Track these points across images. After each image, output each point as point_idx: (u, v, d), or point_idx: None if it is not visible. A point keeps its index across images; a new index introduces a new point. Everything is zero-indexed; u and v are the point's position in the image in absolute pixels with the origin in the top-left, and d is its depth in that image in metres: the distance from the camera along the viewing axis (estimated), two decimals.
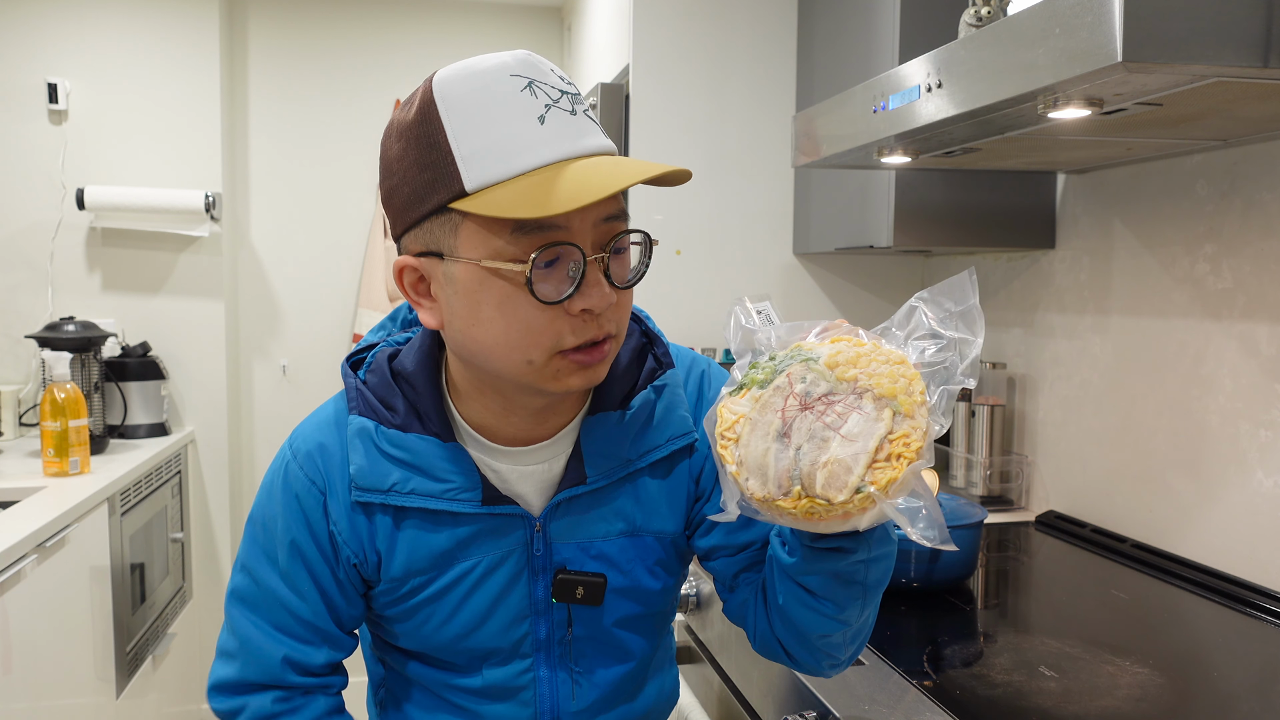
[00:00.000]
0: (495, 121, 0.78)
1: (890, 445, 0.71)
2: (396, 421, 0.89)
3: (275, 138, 3.19)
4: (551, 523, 0.92)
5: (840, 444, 0.71)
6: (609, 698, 0.99)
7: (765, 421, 0.74)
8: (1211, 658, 1.31)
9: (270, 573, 0.92)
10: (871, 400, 0.72)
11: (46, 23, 2.86)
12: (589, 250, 0.80)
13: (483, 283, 0.79)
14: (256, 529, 0.93)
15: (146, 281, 2.98)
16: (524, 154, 0.77)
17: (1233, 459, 1.52)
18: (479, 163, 0.77)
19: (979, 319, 0.74)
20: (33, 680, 1.83)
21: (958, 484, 2.05)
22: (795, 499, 0.72)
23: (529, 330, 0.80)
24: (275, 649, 0.91)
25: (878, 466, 0.71)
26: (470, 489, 0.89)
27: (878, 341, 0.76)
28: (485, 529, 0.91)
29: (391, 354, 0.94)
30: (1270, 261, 1.46)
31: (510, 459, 0.92)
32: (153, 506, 2.60)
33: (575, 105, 0.81)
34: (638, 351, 0.96)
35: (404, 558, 0.91)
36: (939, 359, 0.74)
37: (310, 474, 0.90)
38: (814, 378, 0.74)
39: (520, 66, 0.80)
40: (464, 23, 3.28)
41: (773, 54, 2.35)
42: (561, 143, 0.78)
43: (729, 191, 2.36)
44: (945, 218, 1.91)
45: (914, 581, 1.43)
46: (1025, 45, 1.10)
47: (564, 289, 0.79)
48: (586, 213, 0.79)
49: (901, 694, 1.09)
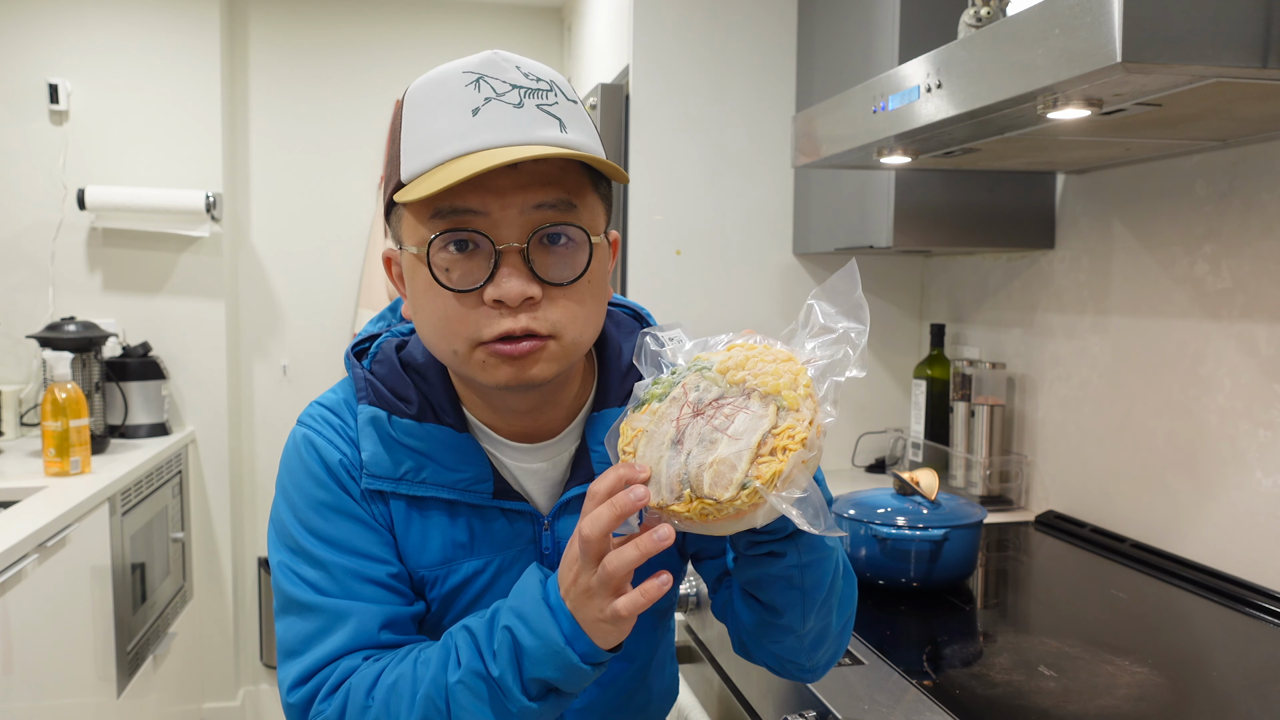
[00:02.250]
0: (434, 116, 0.79)
1: (774, 439, 0.72)
2: (411, 412, 0.89)
3: (276, 138, 3.19)
4: (559, 521, 0.92)
5: (726, 444, 0.72)
6: (612, 697, 0.99)
7: (661, 432, 0.75)
8: (1211, 657, 1.31)
9: (328, 550, 0.86)
10: (758, 399, 0.73)
11: (47, 23, 2.86)
12: (508, 238, 0.78)
13: (414, 271, 0.82)
14: (293, 511, 0.88)
15: (147, 281, 2.99)
16: (448, 144, 0.78)
17: (1232, 459, 1.52)
18: (412, 154, 0.80)
19: (864, 309, 0.75)
20: (34, 680, 1.84)
21: (957, 484, 2.05)
22: (687, 502, 0.73)
23: (446, 319, 0.80)
24: (369, 615, 0.84)
25: (762, 461, 0.71)
26: (482, 480, 0.89)
27: (769, 343, 0.77)
28: (495, 523, 0.91)
29: (398, 344, 0.93)
30: (1269, 261, 1.46)
31: (516, 455, 0.92)
32: (153, 506, 2.60)
33: (527, 99, 0.79)
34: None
35: (415, 548, 0.90)
36: (830, 352, 0.75)
37: (333, 441, 0.89)
38: (706, 384, 0.76)
39: (478, 64, 0.80)
40: (464, 23, 3.28)
41: (773, 54, 2.35)
42: (487, 133, 0.77)
43: (729, 191, 2.36)
44: (945, 218, 1.91)
45: (914, 581, 1.43)
46: (1025, 46, 1.10)
47: (479, 278, 0.79)
48: (508, 199, 0.78)
49: (901, 693, 1.09)
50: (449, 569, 0.91)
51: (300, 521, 0.88)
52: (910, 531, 1.41)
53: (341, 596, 0.85)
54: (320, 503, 0.88)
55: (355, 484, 0.88)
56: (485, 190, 0.77)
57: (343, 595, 0.85)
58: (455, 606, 0.92)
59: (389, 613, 0.86)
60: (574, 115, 0.82)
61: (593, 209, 0.83)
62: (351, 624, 0.84)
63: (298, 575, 0.86)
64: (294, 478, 0.89)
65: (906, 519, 1.42)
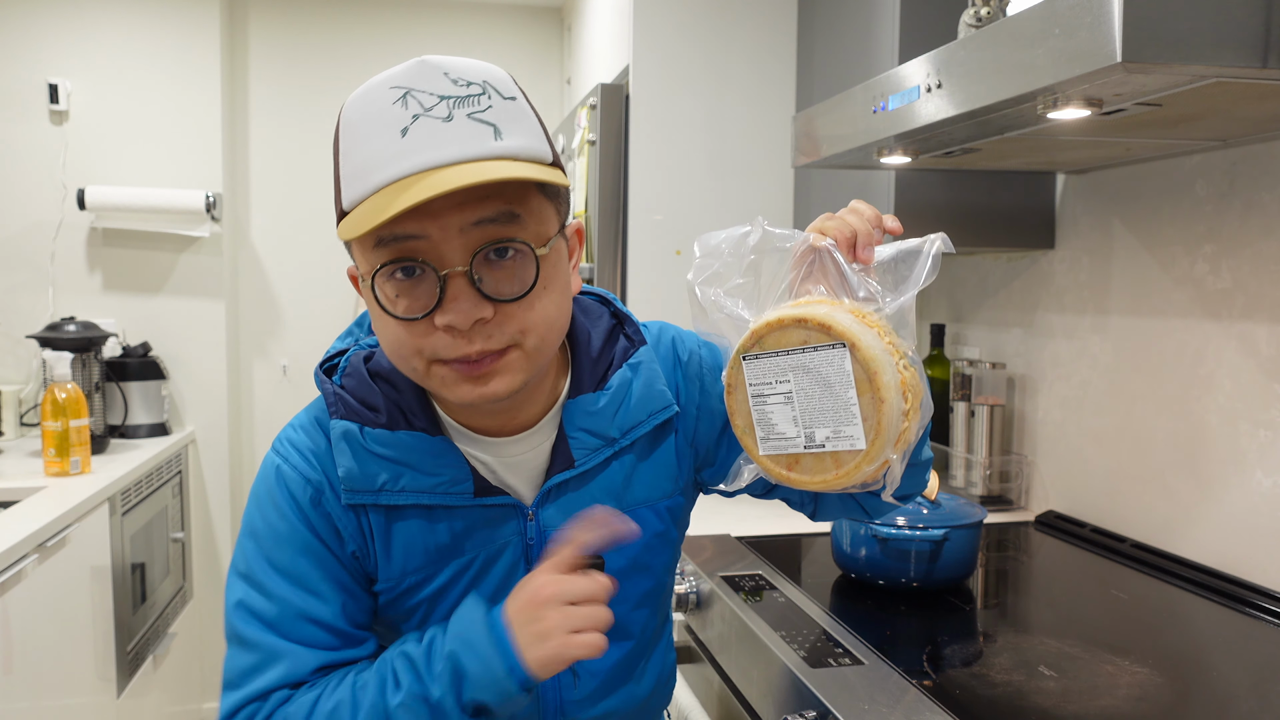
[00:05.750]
0: (364, 139, 0.77)
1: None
2: (380, 420, 0.88)
3: (276, 138, 3.19)
4: (543, 510, 0.93)
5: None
6: (609, 683, 0.99)
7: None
8: (1211, 658, 1.31)
9: (280, 582, 0.88)
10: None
11: (47, 23, 2.86)
12: (452, 261, 0.76)
13: (369, 296, 0.81)
14: (254, 541, 0.89)
15: (147, 281, 2.99)
16: (379, 171, 0.75)
17: (1232, 459, 1.52)
18: (349, 183, 0.78)
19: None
20: (34, 680, 1.84)
21: (957, 484, 2.05)
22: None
23: (400, 343, 0.80)
24: (304, 660, 0.86)
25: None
26: (461, 481, 0.89)
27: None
28: (479, 521, 0.91)
29: (366, 356, 0.93)
30: (1269, 261, 1.46)
31: (496, 449, 0.91)
32: (153, 506, 2.60)
33: (457, 110, 0.76)
34: (609, 333, 0.97)
35: (400, 556, 0.90)
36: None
37: (305, 473, 0.89)
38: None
39: (404, 76, 0.77)
40: (464, 23, 3.28)
41: (773, 54, 2.35)
42: (417, 155, 0.75)
43: (729, 191, 2.36)
44: (945, 218, 1.91)
45: (914, 581, 1.43)
46: (1025, 46, 1.10)
47: (427, 304, 0.77)
48: (446, 220, 0.76)
49: (901, 694, 1.09)
50: (435, 569, 0.91)
51: (260, 549, 0.89)
52: (910, 531, 1.41)
53: (282, 635, 0.86)
54: (280, 535, 0.88)
55: (321, 514, 0.88)
56: (422, 215, 0.75)
57: (284, 633, 0.87)
58: (444, 603, 0.92)
59: (326, 658, 0.87)
60: (510, 115, 0.78)
61: (539, 213, 0.81)
62: (285, 664, 0.86)
63: (247, 607, 0.88)
64: (260, 505, 0.90)
65: (906, 519, 1.42)
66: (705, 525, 1.76)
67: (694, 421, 1.00)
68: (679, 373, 1.00)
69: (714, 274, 0.84)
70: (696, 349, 1.02)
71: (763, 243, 0.83)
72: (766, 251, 0.83)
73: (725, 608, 1.40)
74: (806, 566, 1.60)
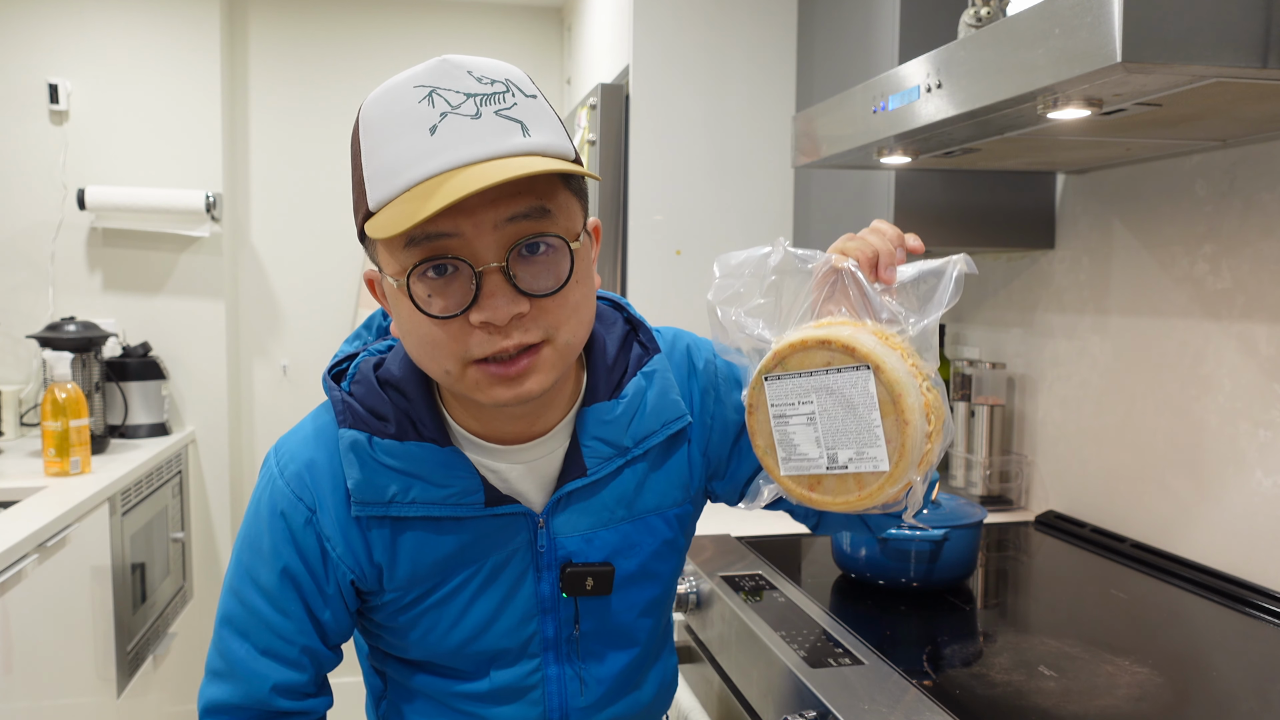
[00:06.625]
0: (391, 139, 0.76)
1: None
2: (389, 431, 0.87)
3: (276, 138, 3.19)
4: (554, 517, 0.92)
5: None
6: (615, 689, 0.99)
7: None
8: (1210, 658, 1.31)
9: (256, 595, 0.90)
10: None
11: (47, 23, 2.86)
12: (486, 258, 0.76)
13: (397, 299, 0.80)
14: (244, 551, 0.91)
15: (147, 281, 2.99)
16: (409, 169, 0.75)
17: (1232, 459, 1.52)
18: (375, 183, 0.77)
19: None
20: (33, 680, 1.84)
21: (957, 484, 2.05)
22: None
23: (434, 344, 0.79)
24: (264, 676, 0.90)
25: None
26: (472, 492, 0.88)
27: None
28: (489, 530, 0.91)
29: (375, 363, 0.92)
30: (1269, 261, 1.46)
31: (508, 458, 0.91)
32: (153, 506, 2.60)
33: (485, 107, 0.76)
34: (624, 339, 0.96)
35: (408, 567, 0.90)
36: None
37: (298, 491, 0.89)
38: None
39: (427, 75, 0.77)
40: (464, 23, 3.29)
41: (773, 54, 2.35)
42: (449, 152, 0.74)
43: (729, 191, 2.36)
44: (945, 218, 1.91)
45: (914, 581, 1.43)
46: (1025, 46, 1.10)
47: (462, 302, 0.77)
48: (480, 216, 0.75)
49: (901, 694, 1.09)
50: (444, 577, 0.91)
51: (242, 560, 0.91)
52: (910, 531, 1.41)
53: (249, 651, 0.90)
54: (263, 551, 0.90)
55: (310, 536, 0.89)
56: (455, 212, 0.74)
57: (250, 649, 0.90)
58: (451, 608, 0.92)
59: (288, 679, 0.91)
60: (535, 113, 0.79)
61: (567, 208, 0.81)
62: (245, 684, 0.90)
63: (225, 610, 0.92)
64: (254, 516, 0.92)
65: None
66: (705, 525, 1.76)
67: (707, 431, 0.99)
68: (694, 382, 0.99)
69: (734, 294, 0.84)
70: (712, 358, 1.00)
71: (784, 263, 0.83)
72: (787, 272, 0.83)
73: (725, 608, 1.40)
74: (806, 566, 1.60)
